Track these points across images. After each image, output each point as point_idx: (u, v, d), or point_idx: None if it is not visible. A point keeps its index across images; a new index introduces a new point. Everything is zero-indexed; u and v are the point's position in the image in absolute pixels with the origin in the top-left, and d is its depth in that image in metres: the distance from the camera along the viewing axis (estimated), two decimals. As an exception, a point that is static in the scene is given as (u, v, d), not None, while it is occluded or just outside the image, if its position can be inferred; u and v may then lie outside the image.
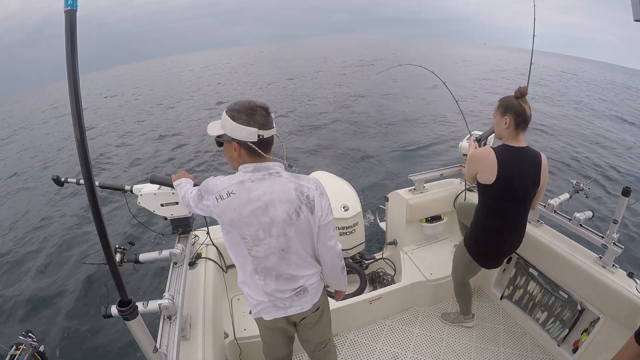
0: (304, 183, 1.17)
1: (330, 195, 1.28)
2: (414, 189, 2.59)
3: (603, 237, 1.76)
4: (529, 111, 1.59)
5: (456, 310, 2.31)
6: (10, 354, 1.03)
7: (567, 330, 1.93)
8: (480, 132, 2.30)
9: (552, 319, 2.03)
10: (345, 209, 2.43)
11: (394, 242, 2.78)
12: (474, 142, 2.15)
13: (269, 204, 1.11)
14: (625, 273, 1.72)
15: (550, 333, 2.04)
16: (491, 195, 1.67)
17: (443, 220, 2.69)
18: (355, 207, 2.47)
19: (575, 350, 1.88)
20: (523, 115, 1.58)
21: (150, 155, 9.12)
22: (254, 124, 1.06)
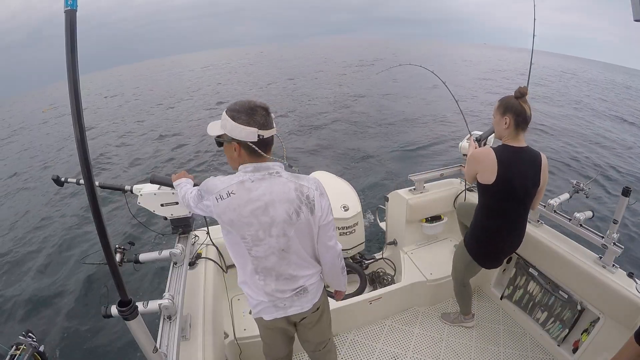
0: (304, 183, 1.17)
1: (330, 195, 1.28)
2: (414, 189, 2.59)
3: (603, 237, 1.76)
4: (529, 111, 1.59)
5: (456, 310, 2.31)
6: (10, 354, 1.04)
7: (567, 330, 1.93)
8: (480, 132, 2.30)
9: (552, 319, 2.03)
10: (345, 209, 2.43)
11: (394, 242, 2.78)
12: (474, 142, 2.15)
13: (269, 204, 1.11)
14: (625, 273, 1.72)
15: (550, 333, 2.04)
16: (491, 195, 1.67)
17: (443, 220, 2.69)
18: (355, 207, 2.47)
19: (575, 350, 1.88)
20: (523, 115, 1.58)
21: (151, 155, 9.12)
22: (254, 124, 1.06)
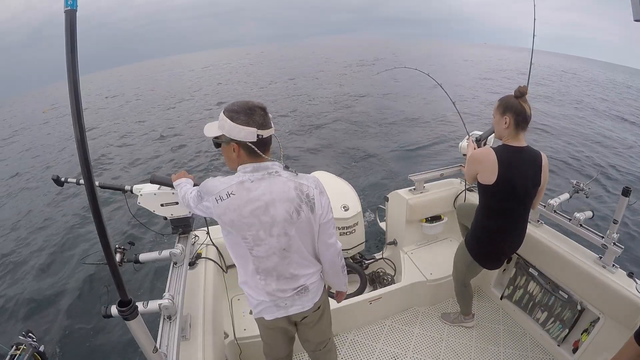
0: (304, 182, 1.17)
1: (330, 196, 1.28)
2: (414, 189, 2.59)
3: (603, 237, 1.76)
4: (529, 110, 1.59)
5: (456, 310, 2.31)
6: (10, 354, 1.04)
7: (567, 330, 1.93)
8: (480, 132, 2.30)
9: (552, 319, 2.03)
10: (345, 209, 2.43)
11: (394, 242, 2.78)
12: (473, 143, 2.15)
13: (269, 203, 1.11)
14: (625, 273, 1.71)
15: (550, 333, 2.04)
16: (492, 195, 1.67)
17: (443, 220, 2.69)
18: (355, 207, 2.47)
19: (575, 350, 1.88)
20: (523, 114, 1.57)
21: (151, 155, 9.12)
22: (252, 124, 1.06)
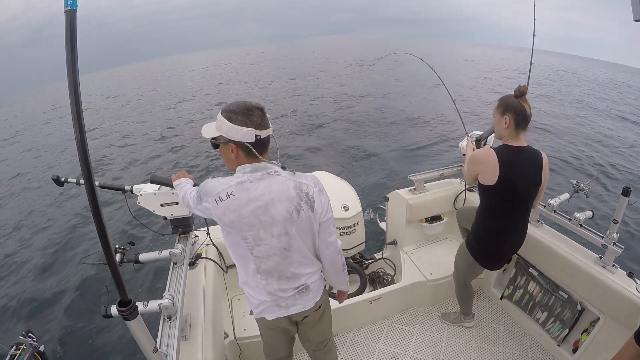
0: (303, 181, 1.17)
1: (331, 195, 1.28)
2: (414, 189, 2.59)
3: (603, 237, 1.76)
4: (529, 110, 1.58)
5: (456, 310, 2.31)
6: (10, 354, 1.04)
7: (567, 330, 1.93)
8: (480, 132, 2.29)
9: (552, 319, 2.03)
10: (346, 209, 2.43)
11: (394, 242, 2.78)
12: (472, 143, 2.14)
13: (269, 203, 1.11)
14: (625, 273, 1.71)
15: (550, 333, 2.04)
16: (493, 196, 1.67)
17: (443, 220, 2.69)
18: (356, 207, 2.47)
19: (575, 350, 1.88)
20: (523, 114, 1.57)
21: (152, 155, 9.14)
22: (251, 124, 1.06)
